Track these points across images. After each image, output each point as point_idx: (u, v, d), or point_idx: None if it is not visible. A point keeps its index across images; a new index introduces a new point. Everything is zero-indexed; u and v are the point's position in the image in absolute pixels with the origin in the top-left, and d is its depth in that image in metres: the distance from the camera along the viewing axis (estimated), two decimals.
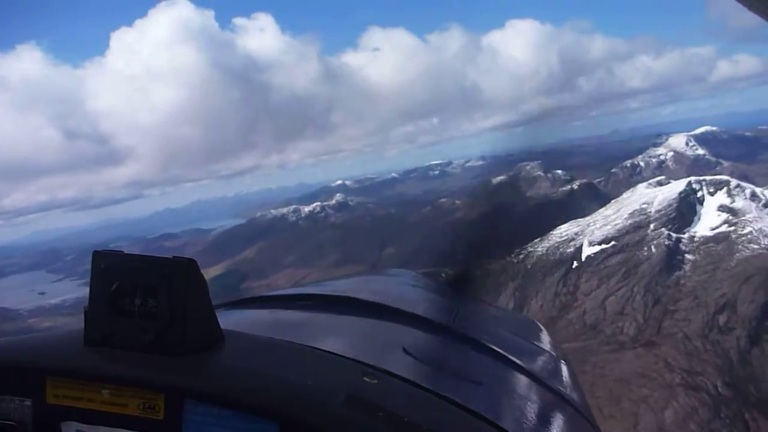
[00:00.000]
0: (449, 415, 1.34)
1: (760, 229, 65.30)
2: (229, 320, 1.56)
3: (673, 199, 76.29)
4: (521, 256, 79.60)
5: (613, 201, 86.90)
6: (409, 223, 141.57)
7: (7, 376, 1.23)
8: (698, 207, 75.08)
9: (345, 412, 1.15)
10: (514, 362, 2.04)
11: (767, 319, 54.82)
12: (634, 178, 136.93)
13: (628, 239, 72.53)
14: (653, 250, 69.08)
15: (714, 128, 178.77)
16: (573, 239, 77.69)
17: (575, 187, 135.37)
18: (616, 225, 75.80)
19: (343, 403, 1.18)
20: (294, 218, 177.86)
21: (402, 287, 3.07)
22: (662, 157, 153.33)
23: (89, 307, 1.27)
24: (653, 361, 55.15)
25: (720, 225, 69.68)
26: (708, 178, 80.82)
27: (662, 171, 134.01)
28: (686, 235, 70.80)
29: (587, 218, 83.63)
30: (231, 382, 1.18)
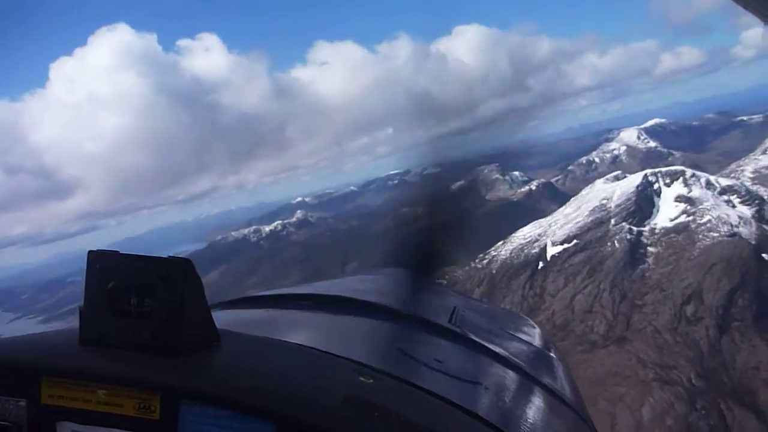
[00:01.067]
0: (445, 415, 1.35)
1: (719, 216, 65.75)
2: (225, 320, 1.57)
3: (631, 192, 76.56)
4: (485, 261, 78.79)
5: (572, 199, 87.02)
6: (371, 235, 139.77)
7: (2, 376, 1.23)
8: (656, 199, 75.47)
9: (341, 412, 1.16)
10: (509, 361, 2.06)
11: (733, 307, 54.92)
12: (590, 174, 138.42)
13: (591, 236, 72.34)
14: (616, 245, 68.97)
15: (663, 120, 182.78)
16: (536, 240, 77.20)
17: (533, 187, 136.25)
18: (577, 223, 75.61)
19: (339, 402, 1.19)
20: (255, 239, 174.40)
21: (399, 287, 2.76)
22: (616, 152, 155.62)
23: (85, 306, 1.26)
24: (626, 358, 54.63)
25: (679, 215, 70.02)
26: (663, 169, 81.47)
27: (617, 165, 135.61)
28: (647, 228, 70.98)
29: (548, 218, 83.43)
30: (227, 382, 1.18)
